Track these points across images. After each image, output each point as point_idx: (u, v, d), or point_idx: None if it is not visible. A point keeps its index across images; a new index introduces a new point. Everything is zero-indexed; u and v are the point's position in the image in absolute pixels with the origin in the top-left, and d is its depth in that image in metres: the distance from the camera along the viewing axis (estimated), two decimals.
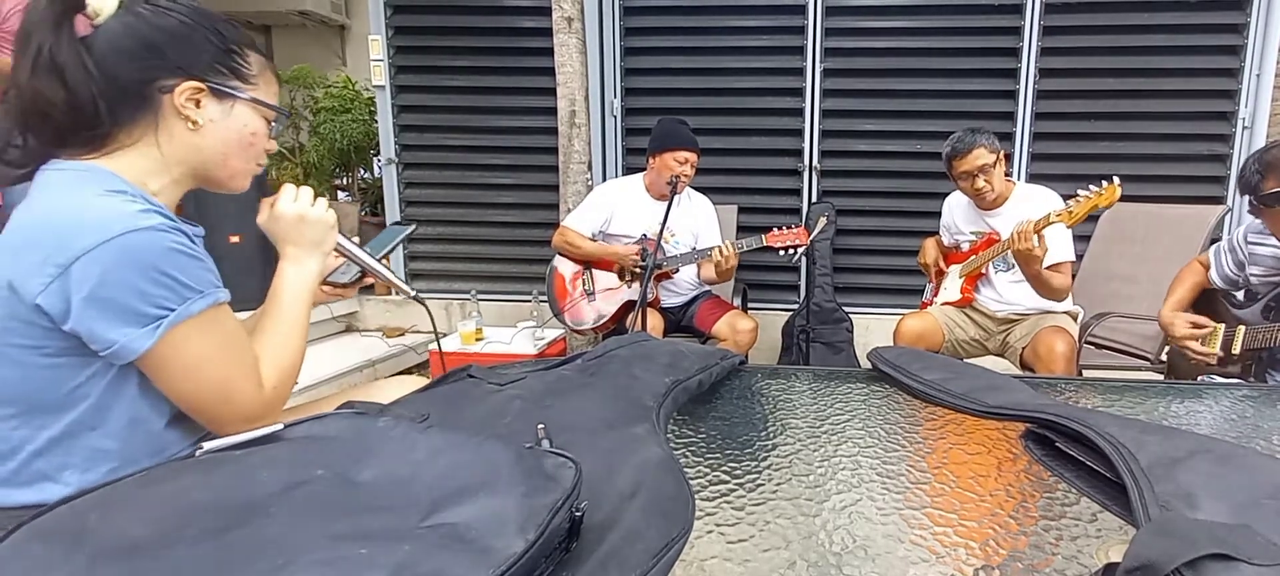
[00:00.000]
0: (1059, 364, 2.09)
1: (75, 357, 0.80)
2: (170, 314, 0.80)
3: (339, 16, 4.97)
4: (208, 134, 0.89)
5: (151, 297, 0.79)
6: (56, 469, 0.82)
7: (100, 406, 0.83)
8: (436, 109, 3.62)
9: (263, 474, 0.50)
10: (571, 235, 2.64)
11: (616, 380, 0.81)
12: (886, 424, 0.80)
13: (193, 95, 0.87)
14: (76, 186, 0.81)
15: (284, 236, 1.00)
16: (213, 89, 0.89)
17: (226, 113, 0.91)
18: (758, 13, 3.35)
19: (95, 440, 0.83)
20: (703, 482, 0.65)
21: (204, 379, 0.85)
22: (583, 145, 3.22)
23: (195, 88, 0.87)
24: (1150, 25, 3.14)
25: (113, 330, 0.78)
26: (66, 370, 0.80)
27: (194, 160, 0.90)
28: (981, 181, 2.19)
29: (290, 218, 0.99)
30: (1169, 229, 2.60)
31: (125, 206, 0.79)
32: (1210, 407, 0.87)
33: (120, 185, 0.82)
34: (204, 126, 0.89)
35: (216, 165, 0.92)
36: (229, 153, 0.92)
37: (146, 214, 0.79)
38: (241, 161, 0.95)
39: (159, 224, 0.79)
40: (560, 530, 0.44)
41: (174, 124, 0.87)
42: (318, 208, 1.01)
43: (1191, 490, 0.54)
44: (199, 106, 0.88)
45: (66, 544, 0.43)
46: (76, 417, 0.82)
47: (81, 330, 0.77)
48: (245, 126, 0.93)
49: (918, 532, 0.56)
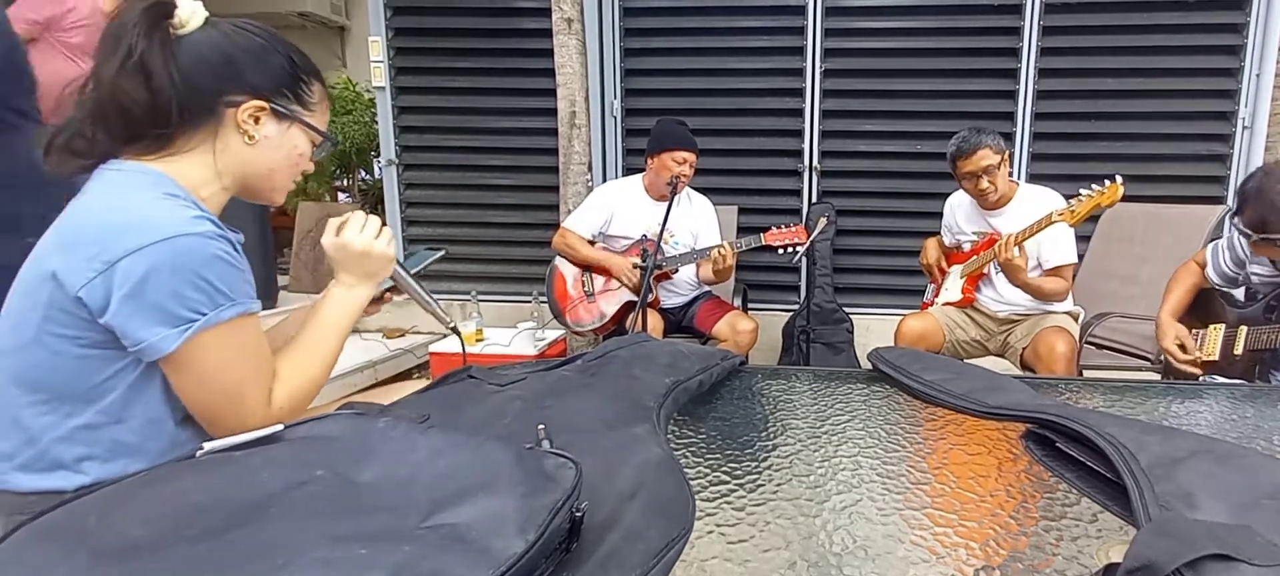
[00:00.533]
0: (1059, 364, 2.09)
1: (107, 351, 0.83)
2: (202, 317, 0.82)
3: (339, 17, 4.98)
4: (261, 149, 0.94)
5: (187, 300, 0.81)
6: (76, 459, 0.84)
7: (125, 401, 0.85)
8: (436, 110, 3.62)
9: (263, 474, 0.50)
10: (571, 238, 2.64)
11: (617, 381, 0.81)
12: (887, 424, 0.80)
13: (255, 112, 0.92)
14: (133, 188, 0.84)
15: (344, 264, 1.03)
16: (274, 110, 0.94)
17: (282, 133, 0.95)
18: (758, 13, 3.35)
19: (118, 433, 0.86)
20: (703, 483, 0.65)
21: (219, 385, 0.87)
22: (583, 146, 3.22)
23: (259, 106, 0.92)
24: (1150, 25, 3.14)
25: (145, 328, 0.80)
26: (97, 362, 0.83)
27: (242, 172, 0.94)
28: (986, 182, 2.19)
29: (356, 250, 1.02)
30: (1169, 229, 2.60)
31: (178, 211, 0.82)
32: (1210, 407, 0.87)
33: (175, 189, 0.86)
34: (259, 142, 0.93)
35: (262, 178, 0.96)
36: (276, 169, 0.97)
37: (198, 220, 0.83)
38: (284, 178, 0.99)
39: (208, 231, 0.83)
40: (560, 530, 0.44)
41: (231, 136, 0.92)
42: (382, 240, 1.04)
43: (1191, 490, 0.54)
44: (258, 123, 0.93)
45: (67, 543, 0.43)
46: (102, 409, 0.84)
47: (116, 325, 0.80)
48: (295, 147, 0.98)
49: (918, 533, 0.56)
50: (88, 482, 0.84)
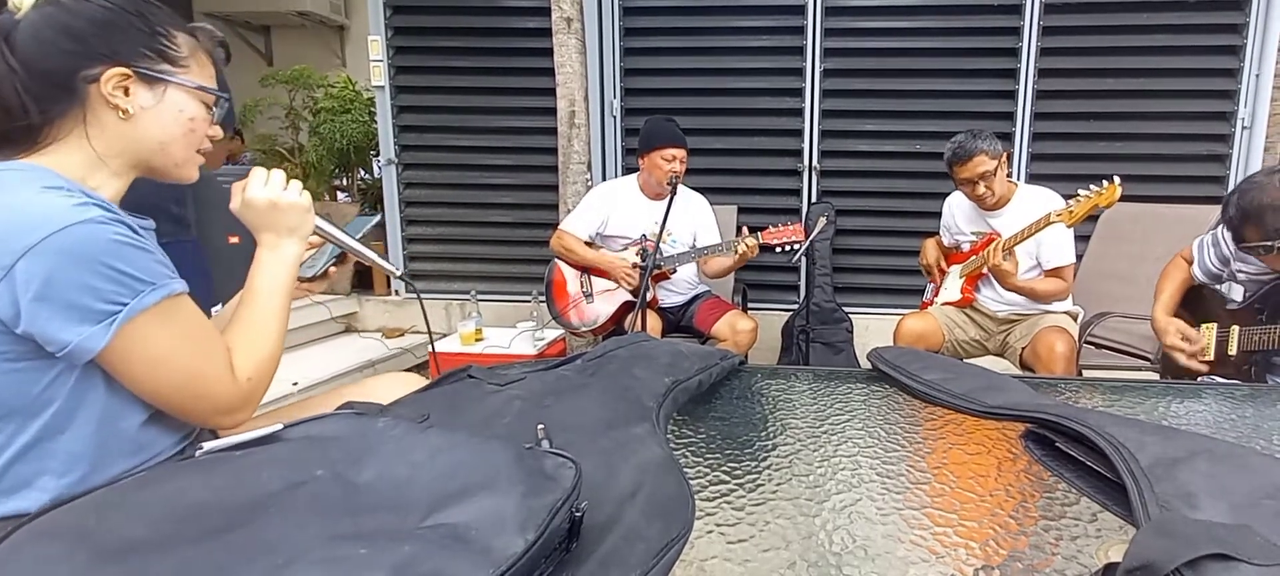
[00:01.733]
0: (1059, 364, 2.09)
1: (36, 361, 0.78)
2: (123, 308, 0.77)
3: (338, 16, 4.97)
4: (141, 122, 0.86)
5: (101, 293, 0.76)
6: (33, 475, 0.80)
7: (69, 408, 0.81)
8: (436, 109, 3.62)
9: (263, 474, 0.50)
10: (569, 239, 2.64)
11: (616, 380, 0.81)
12: (886, 424, 0.80)
13: (120, 82, 0.84)
14: (11, 187, 0.78)
15: (259, 223, 0.97)
16: (140, 74, 0.86)
17: (158, 99, 0.88)
18: (758, 13, 3.35)
19: (67, 443, 0.81)
20: (703, 482, 0.65)
21: (169, 373, 0.83)
22: (582, 145, 3.22)
23: (121, 74, 0.84)
24: (1150, 25, 3.14)
25: (66, 330, 0.75)
26: (29, 374, 0.78)
27: (130, 151, 0.87)
28: (982, 188, 2.19)
29: (262, 204, 0.96)
30: (1168, 229, 2.60)
31: (61, 201, 0.76)
32: (1210, 407, 0.87)
33: (56, 181, 0.79)
34: (135, 114, 0.86)
35: (155, 153, 0.89)
36: (166, 140, 0.89)
37: (83, 207, 0.76)
38: (182, 149, 0.91)
39: (98, 216, 0.76)
40: (560, 530, 0.44)
41: (104, 114, 0.85)
42: (291, 191, 0.97)
43: (1191, 490, 0.54)
44: (128, 94, 0.85)
45: (67, 543, 0.43)
46: (46, 422, 0.80)
47: (35, 332, 0.75)
48: (181, 111, 0.89)
49: (918, 533, 0.56)
50: (48, 500, 0.78)
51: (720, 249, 2.52)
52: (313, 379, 2.94)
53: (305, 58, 4.75)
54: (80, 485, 0.82)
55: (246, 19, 5.04)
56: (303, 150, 4.43)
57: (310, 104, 4.44)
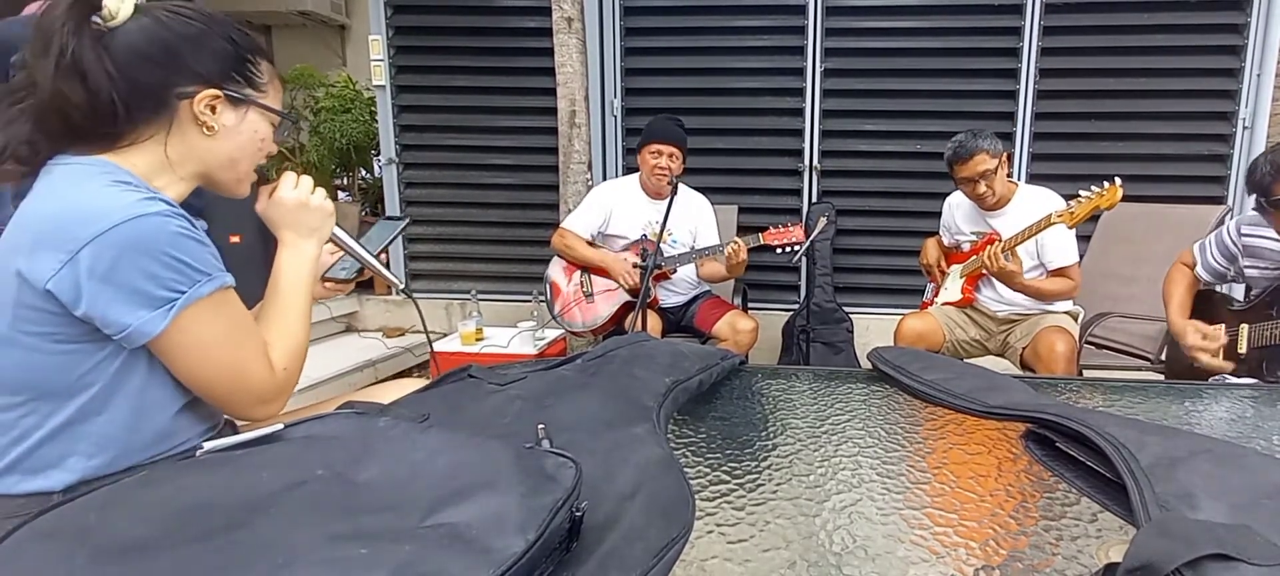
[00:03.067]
0: (1059, 364, 2.09)
1: (86, 343, 0.81)
2: (181, 295, 0.81)
3: (339, 16, 4.97)
4: (221, 139, 0.92)
5: (162, 280, 0.80)
6: (61, 455, 0.83)
7: (107, 392, 0.84)
8: (436, 109, 3.62)
9: (263, 474, 0.50)
10: (570, 238, 2.64)
11: (616, 380, 0.81)
12: (886, 424, 0.80)
13: (211, 102, 0.90)
14: (83, 178, 0.82)
15: (283, 222, 1.02)
16: (229, 97, 0.91)
17: (240, 119, 0.93)
18: (758, 13, 3.35)
19: (100, 426, 0.84)
20: (703, 482, 0.65)
21: (216, 361, 0.87)
22: (583, 145, 3.22)
23: (213, 95, 0.89)
24: (1150, 25, 3.14)
25: (126, 313, 0.79)
26: (76, 356, 0.82)
27: (201, 162, 0.92)
28: (983, 187, 2.19)
29: (291, 204, 1.01)
30: (1169, 229, 2.60)
31: (130, 195, 0.80)
32: (1210, 407, 0.87)
33: (126, 177, 0.84)
34: (219, 132, 0.91)
35: (224, 168, 0.94)
36: (238, 157, 0.95)
37: (150, 200, 0.81)
38: (248, 165, 0.97)
39: (163, 210, 0.81)
40: (560, 530, 0.44)
41: (189, 128, 0.89)
42: (317, 196, 1.03)
43: (1191, 490, 0.54)
44: (215, 113, 0.90)
45: (67, 543, 0.43)
46: (83, 404, 0.83)
47: (95, 315, 0.79)
48: (256, 132, 0.96)
49: (918, 533, 0.56)
50: (74, 481, 0.83)
51: (720, 249, 2.52)
52: (313, 379, 2.95)
53: (306, 57, 4.75)
54: (107, 468, 0.85)
55: (247, 19, 5.01)
56: (303, 150, 4.43)
57: (311, 103, 4.44)
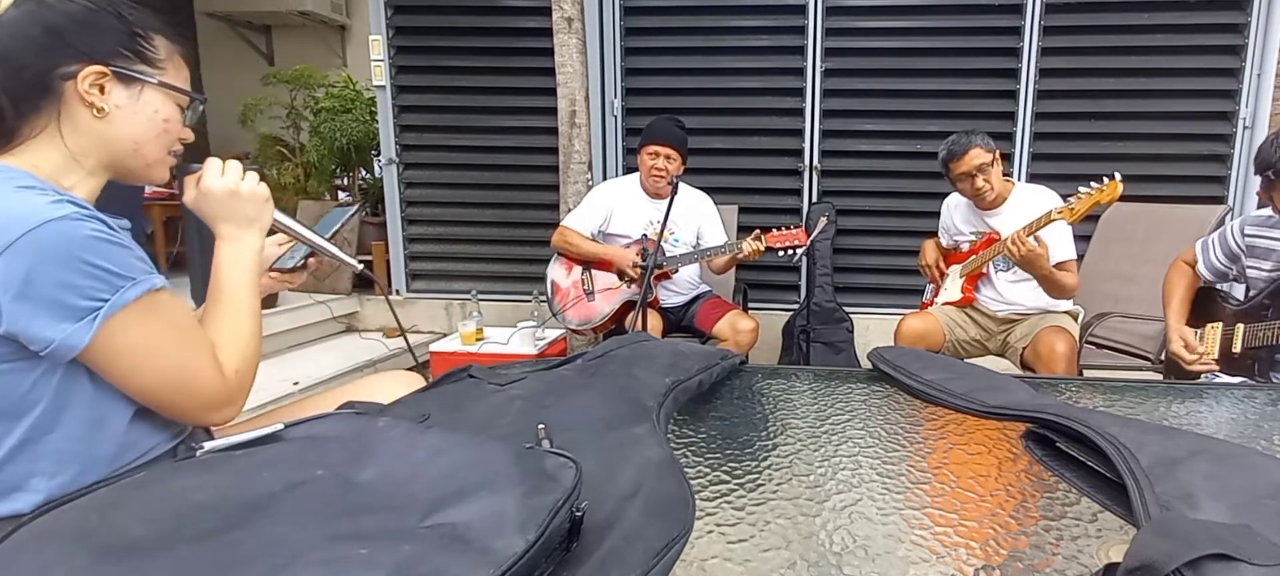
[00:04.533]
0: (1059, 364, 2.09)
1: (20, 361, 0.77)
2: (104, 304, 0.77)
3: (339, 16, 4.97)
4: (116, 121, 0.86)
5: (81, 289, 0.76)
6: (24, 477, 0.80)
7: (56, 408, 0.80)
8: (437, 109, 3.62)
9: (263, 474, 0.50)
10: (571, 235, 2.64)
11: (616, 380, 0.81)
12: (886, 424, 0.80)
13: (97, 81, 0.84)
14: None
15: (216, 214, 0.96)
16: (118, 74, 0.86)
17: (135, 99, 0.88)
18: (758, 13, 3.35)
19: (57, 443, 0.81)
20: (703, 482, 0.65)
21: (155, 368, 0.82)
22: (583, 145, 3.22)
23: (98, 72, 0.84)
24: (1150, 25, 3.14)
25: (48, 328, 0.75)
26: (12, 376, 0.78)
27: (104, 150, 0.87)
28: (981, 181, 2.19)
29: (220, 194, 0.95)
30: (1169, 229, 2.60)
31: (35, 199, 0.76)
32: (1210, 407, 0.87)
33: (29, 181, 0.79)
34: (111, 113, 0.86)
35: (128, 154, 0.89)
36: (141, 140, 0.89)
37: (58, 204, 0.76)
38: (156, 150, 0.91)
39: (72, 213, 0.76)
40: (560, 530, 0.44)
41: (78, 113, 0.84)
42: (248, 181, 0.97)
43: (1191, 490, 0.54)
44: (104, 93, 0.85)
45: (67, 544, 0.43)
46: (33, 423, 0.79)
47: (16, 332, 0.75)
48: (156, 113, 0.90)
49: (918, 532, 0.56)
50: (41, 501, 0.79)
51: (722, 250, 2.53)
52: (313, 378, 2.94)
53: (306, 57, 4.75)
54: (72, 485, 0.81)
55: (248, 19, 5.04)
56: (303, 150, 4.43)
57: (311, 103, 4.43)
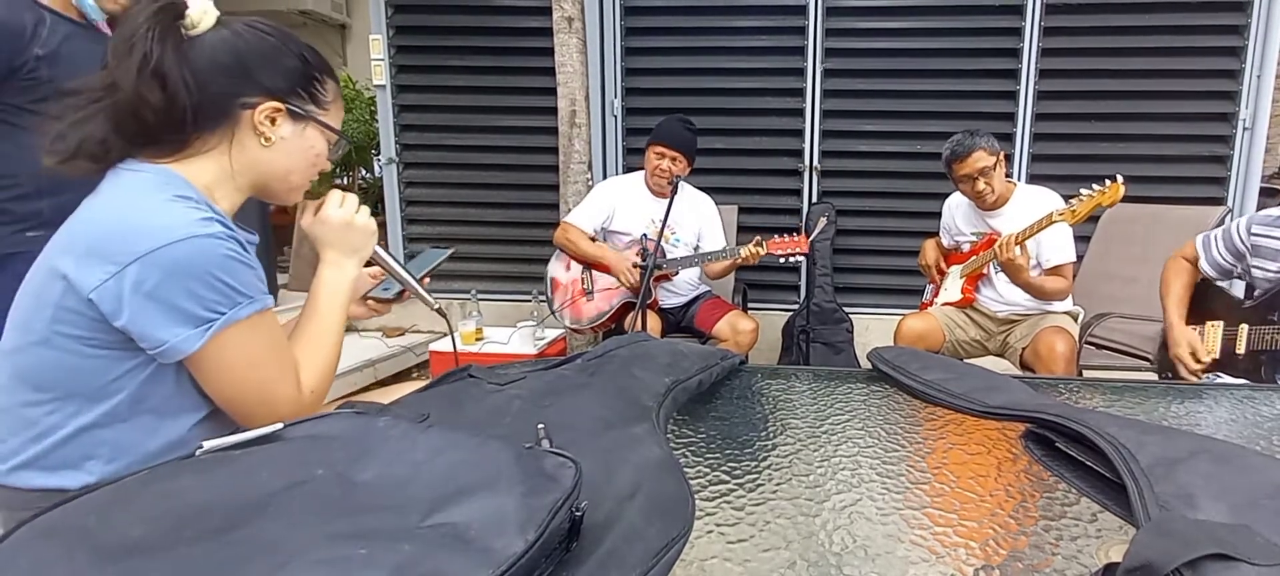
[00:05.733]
0: (1059, 364, 2.09)
1: (118, 351, 0.83)
2: (221, 316, 0.83)
3: (339, 16, 4.98)
4: (278, 150, 0.94)
5: (204, 300, 0.82)
6: (81, 458, 0.85)
7: (133, 401, 0.85)
8: (437, 109, 3.62)
9: (263, 474, 0.50)
10: (573, 232, 2.64)
11: (616, 380, 0.81)
12: (886, 424, 0.80)
13: (271, 114, 0.92)
14: (146, 189, 0.84)
15: (327, 241, 1.03)
16: (290, 111, 0.93)
17: (299, 133, 0.95)
18: (758, 13, 3.35)
19: (123, 433, 0.86)
20: (703, 482, 0.65)
21: (247, 380, 0.88)
22: (583, 145, 3.22)
23: (275, 107, 0.92)
24: (1150, 25, 3.14)
25: (164, 330, 0.81)
26: (107, 362, 0.83)
27: (258, 173, 0.94)
28: (982, 184, 2.20)
29: (336, 223, 1.02)
30: (1169, 229, 2.60)
31: (189, 213, 0.82)
32: (1210, 407, 0.87)
33: (187, 191, 0.86)
34: (276, 143, 0.93)
35: (278, 179, 0.96)
36: (293, 170, 0.97)
37: (207, 222, 0.83)
38: (301, 178, 0.99)
39: (218, 232, 0.83)
40: (560, 530, 0.44)
41: (248, 138, 0.92)
42: (362, 215, 1.04)
43: (1191, 490, 0.54)
44: (274, 125, 0.92)
45: (67, 543, 0.43)
46: (108, 410, 0.84)
47: (133, 329, 0.80)
48: (312, 147, 0.98)
49: (918, 532, 0.56)
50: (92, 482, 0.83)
51: (722, 255, 2.53)
52: None
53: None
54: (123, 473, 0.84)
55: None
56: None
57: None
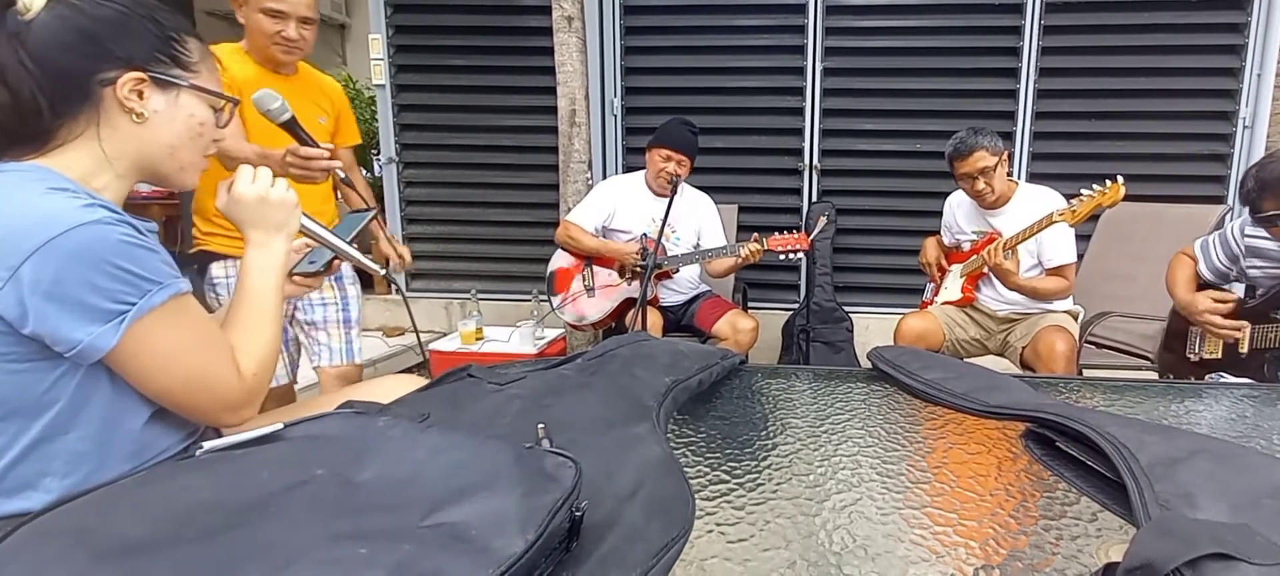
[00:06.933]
0: (1059, 363, 2.09)
1: (41, 361, 0.78)
2: (132, 307, 0.78)
3: (339, 15, 4.97)
4: (153, 125, 0.87)
5: (110, 292, 0.77)
6: (37, 475, 0.81)
7: (73, 408, 0.81)
8: (436, 108, 3.62)
9: (263, 474, 0.50)
10: (574, 230, 2.64)
11: (616, 380, 0.81)
12: (886, 424, 0.80)
13: (135, 86, 0.85)
14: (16, 188, 0.78)
15: (247, 220, 0.97)
16: (155, 79, 0.87)
17: (172, 102, 0.89)
18: (758, 12, 3.35)
19: (72, 443, 0.82)
20: (703, 482, 0.65)
21: (177, 371, 0.84)
22: (583, 145, 3.22)
23: (137, 78, 0.85)
24: (1150, 25, 3.14)
25: (75, 329, 0.76)
26: (34, 374, 0.79)
27: (139, 154, 0.88)
28: (982, 183, 2.20)
29: (251, 200, 0.96)
30: (1169, 229, 2.60)
31: (68, 203, 0.76)
32: (1210, 407, 0.87)
33: (62, 183, 0.80)
34: (149, 118, 0.87)
35: (163, 158, 0.90)
36: (176, 144, 0.90)
37: (90, 208, 0.77)
38: (190, 153, 0.92)
39: (104, 217, 0.77)
40: (560, 530, 0.44)
41: (117, 117, 0.85)
42: (278, 188, 0.98)
43: (1191, 490, 0.54)
44: (142, 98, 0.86)
45: (67, 543, 0.43)
46: (50, 422, 0.80)
47: (43, 332, 0.75)
48: (192, 116, 0.91)
49: (918, 532, 0.56)
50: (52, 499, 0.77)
51: (723, 252, 2.53)
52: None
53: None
54: (83, 485, 0.80)
55: None
56: None
57: None
